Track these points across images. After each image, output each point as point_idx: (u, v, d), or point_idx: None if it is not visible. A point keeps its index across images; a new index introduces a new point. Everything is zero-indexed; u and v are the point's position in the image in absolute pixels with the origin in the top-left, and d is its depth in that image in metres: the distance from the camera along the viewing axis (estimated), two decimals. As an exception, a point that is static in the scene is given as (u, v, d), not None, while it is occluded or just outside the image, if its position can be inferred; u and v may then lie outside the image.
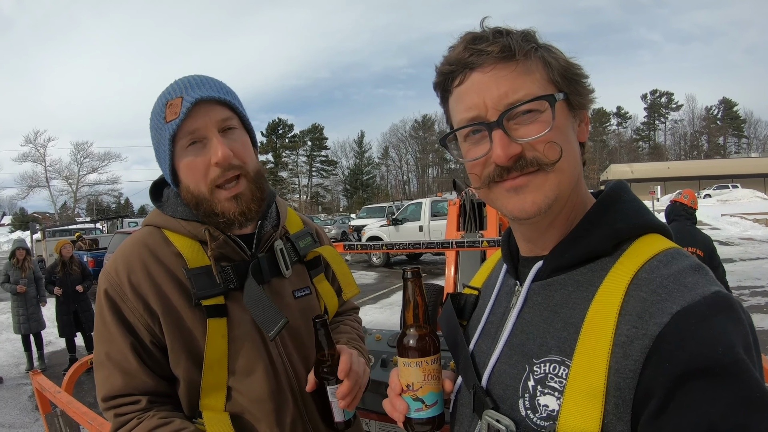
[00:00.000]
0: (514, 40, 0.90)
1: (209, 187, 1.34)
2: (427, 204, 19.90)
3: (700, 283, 0.81)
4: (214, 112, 1.32)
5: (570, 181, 0.93)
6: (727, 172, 57.80)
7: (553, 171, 0.90)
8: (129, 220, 32.54)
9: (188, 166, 1.34)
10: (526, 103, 0.89)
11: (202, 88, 1.32)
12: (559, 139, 0.90)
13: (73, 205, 70.85)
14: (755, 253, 16.48)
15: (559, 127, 0.90)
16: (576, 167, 0.95)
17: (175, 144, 1.32)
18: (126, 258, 1.38)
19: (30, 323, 8.49)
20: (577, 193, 0.96)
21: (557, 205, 0.93)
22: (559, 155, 0.89)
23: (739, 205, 35.32)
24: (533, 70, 0.91)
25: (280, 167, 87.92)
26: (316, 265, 1.66)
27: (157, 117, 1.34)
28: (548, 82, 0.91)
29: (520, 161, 0.90)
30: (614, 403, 0.78)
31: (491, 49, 0.90)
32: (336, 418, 1.41)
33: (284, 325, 1.35)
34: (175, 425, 1.29)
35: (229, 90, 1.40)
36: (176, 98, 1.30)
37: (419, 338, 1.04)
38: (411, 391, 1.03)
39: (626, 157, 79.35)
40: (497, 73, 0.90)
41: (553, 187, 0.91)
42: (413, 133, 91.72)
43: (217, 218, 1.36)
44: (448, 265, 5.82)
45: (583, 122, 0.98)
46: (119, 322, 1.33)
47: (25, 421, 6.43)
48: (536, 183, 0.91)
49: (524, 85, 0.89)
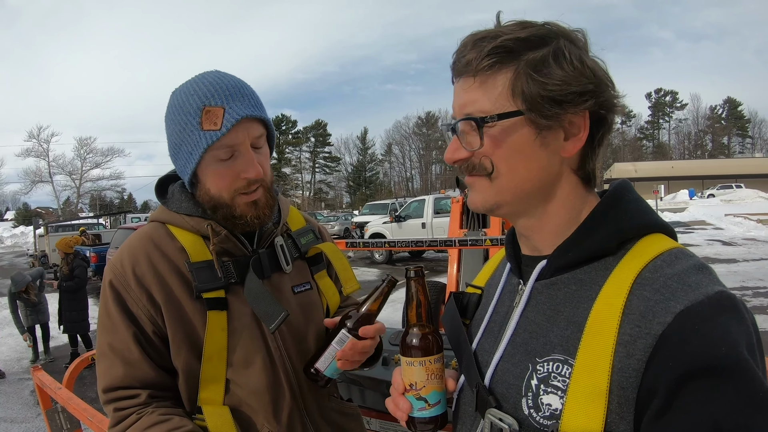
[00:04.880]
0: (481, 56, 0.91)
1: (231, 194, 1.38)
2: (430, 201, 19.92)
3: (703, 282, 0.80)
4: (252, 130, 1.35)
5: (514, 193, 0.95)
6: (731, 172, 57.81)
7: (493, 180, 0.95)
8: (132, 215, 32.68)
9: (217, 174, 1.37)
10: (460, 121, 0.95)
11: (245, 103, 1.34)
12: (496, 155, 0.93)
13: (76, 201, 71.20)
14: (759, 253, 16.43)
15: (499, 145, 0.93)
16: (524, 182, 0.95)
17: (208, 152, 1.33)
18: (131, 251, 1.41)
19: (38, 315, 8.59)
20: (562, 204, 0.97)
21: (505, 209, 0.99)
22: (490, 169, 0.94)
23: (742, 206, 35.26)
24: (495, 85, 0.92)
25: (283, 163, 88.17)
26: (318, 262, 1.68)
27: (188, 116, 1.33)
28: (508, 99, 0.92)
29: (467, 164, 0.97)
30: (617, 402, 0.78)
31: (460, 60, 0.95)
32: (318, 363, 1.44)
33: (284, 318, 1.38)
34: (173, 423, 1.29)
35: (261, 103, 1.42)
36: (216, 107, 1.30)
37: (422, 337, 1.04)
38: (414, 391, 1.03)
39: (630, 155, 79.40)
40: (461, 84, 0.96)
41: (492, 194, 0.97)
42: (417, 129, 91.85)
43: (235, 220, 1.41)
44: (450, 263, 5.83)
45: (570, 137, 0.94)
46: (123, 313, 1.36)
47: (27, 416, 6.46)
48: (479, 186, 0.98)
49: (478, 99, 0.93)
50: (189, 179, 1.41)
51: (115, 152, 72.58)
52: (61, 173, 69.89)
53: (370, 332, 1.41)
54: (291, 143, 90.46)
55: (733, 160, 69.75)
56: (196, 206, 1.44)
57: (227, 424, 1.36)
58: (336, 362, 1.42)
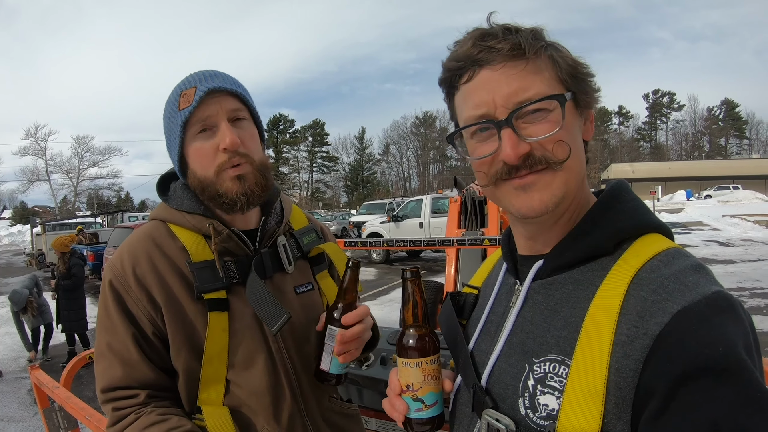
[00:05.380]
0: (524, 38, 0.89)
1: (215, 170, 1.37)
2: (427, 201, 19.95)
3: (700, 282, 0.81)
4: (225, 102, 1.38)
5: (577, 180, 0.93)
6: (728, 173, 57.88)
7: (562, 170, 0.90)
8: (129, 214, 32.70)
9: (197, 151, 1.38)
10: (537, 102, 0.89)
11: (216, 80, 1.38)
12: (568, 138, 0.90)
13: (73, 199, 71.07)
14: (755, 254, 16.47)
15: (567, 127, 0.90)
16: (582, 166, 0.95)
17: (186, 131, 1.37)
18: (132, 250, 1.41)
19: (42, 315, 8.59)
20: (581, 191, 0.97)
21: (564, 203, 0.93)
22: (567, 154, 0.90)
23: (739, 207, 35.36)
24: (543, 68, 0.90)
25: (280, 163, 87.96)
26: (320, 262, 1.67)
27: (171, 106, 1.40)
28: (557, 80, 0.91)
29: (529, 159, 0.90)
30: (614, 402, 0.78)
31: (501, 46, 0.89)
32: (322, 365, 1.42)
33: (287, 320, 1.37)
34: (172, 422, 1.29)
35: (241, 84, 1.45)
36: (190, 88, 1.36)
37: (419, 338, 1.04)
38: (411, 392, 1.02)
39: (627, 156, 79.32)
40: (507, 71, 0.89)
41: (561, 186, 0.91)
42: (414, 129, 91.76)
43: (220, 199, 1.39)
44: (448, 263, 5.84)
45: (588, 121, 0.99)
46: (122, 313, 1.35)
47: (24, 415, 6.44)
48: (544, 181, 0.91)
49: (534, 84, 0.89)
50: (179, 167, 1.43)
51: (112, 151, 72.72)
52: (59, 172, 69.99)
53: (352, 318, 1.39)
54: (288, 142, 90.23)
55: (731, 161, 69.70)
56: (198, 204, 1.44)
57: (226, 425, 1.35)
58: (336, 358, 1.40)
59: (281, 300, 1.44)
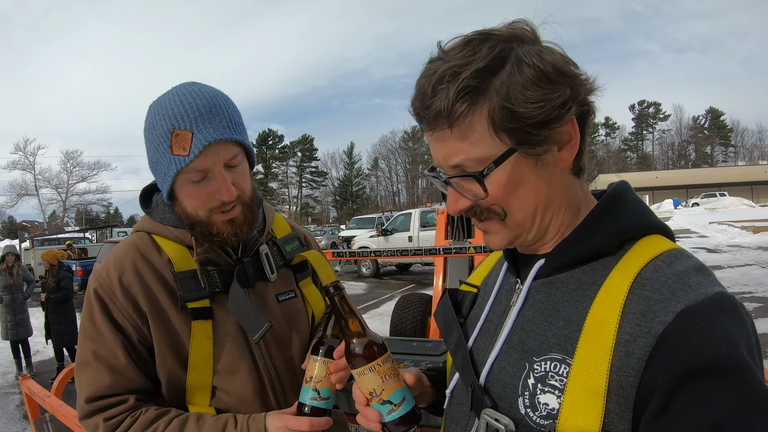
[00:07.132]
0: (449, 104, 0.85)
1: (207, 213, 1.36)
2: (416, 215, 19.94)
3: (703, 283, 0.81)
4: (223, 153, 1.32)
5: (530, 221, 0.94)
6: (715, 181, 58.49)
7: (507, 220, 0.93)
8: (118, 229, 32.32)
9: (191, 195, 1.35)
10: (455, 178, 0.92)
11: (215, 124, 1.29)
12: (503, 199, 0.91)
13: (62, 214, 70.23)
14: (743, 259, 16.57)
15: (504, 187, 0.90)
16: (535, 206, 0.93)
17: (180, 175, 1.32)
18: (117, 260, 1.41)
19: (18, 329, 8.47)
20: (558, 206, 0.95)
21: (524, 237, 0.96)
22: (503, 214, 0.93)
23: (726, 213, 35.45)
24: (473, 130, 0.87)
25: (269, 178, 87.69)
26: (303, 269, 1.68)
27: (159, 138, 1.30)
28: (491, 138, 0.87)
29: (473, 210, 0.95)
30: (616, 401, 0.78)
31: (425, 113, 0.89)
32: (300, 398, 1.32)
33: (267, 329, 1.38)
34: (172, 414, 1.32)
35: (238, 120, 1.37)
36: (185, 131, 1.27)
37: (365, 345, 1.07)
38: (376, 397, 1.04)
39: (614, 167, 79.75)
40: (437, 137, 0.90)
41: (510, 232, 0.95)
42: (403, 144, 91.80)
43: (212, 237, 1.39)
44: (436, 275, 5.88)
45: (563, 147, 0.91)
46: (108, 322, 1.35)
47: (12, 430, 6.37)
48: (494, 228, 0.96)
49: (462, 149, 0.88)
50: (167, 196, 1.41)
51: (101, 166, 71.92)
52: (47, 186, 68.81)
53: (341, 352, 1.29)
54: (278, 158, 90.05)
55: (717, 169, 70.30)
56: (180, 220, 1.43)
57: None
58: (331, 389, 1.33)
59: (263, 308, 1.46)
